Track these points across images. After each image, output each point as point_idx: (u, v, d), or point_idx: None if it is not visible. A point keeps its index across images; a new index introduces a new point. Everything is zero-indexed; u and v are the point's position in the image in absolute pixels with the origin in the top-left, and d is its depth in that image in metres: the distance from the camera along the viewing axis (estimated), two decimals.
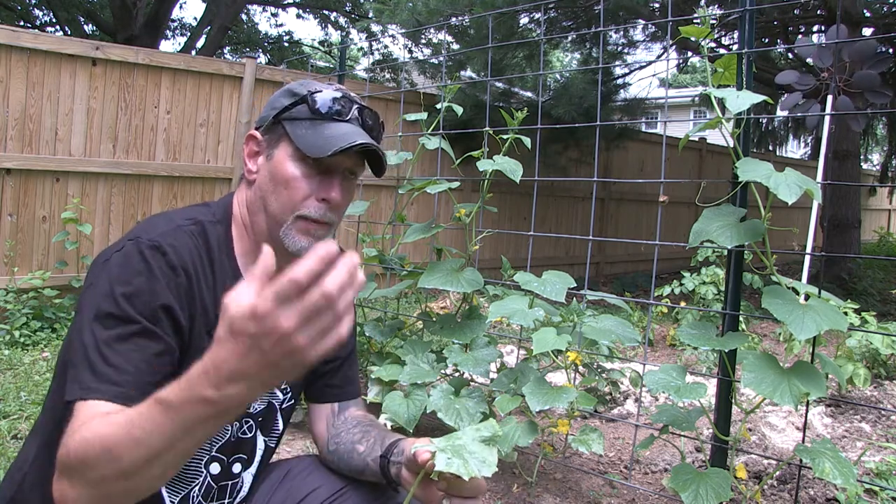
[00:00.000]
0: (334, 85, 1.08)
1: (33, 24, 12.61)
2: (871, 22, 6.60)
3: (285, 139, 1.02)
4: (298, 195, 1.00)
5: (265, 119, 1.05)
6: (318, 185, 1.01)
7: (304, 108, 1.02)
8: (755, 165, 1.61)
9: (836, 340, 3.75)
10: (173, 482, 1.02)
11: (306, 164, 1.00)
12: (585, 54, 7.32)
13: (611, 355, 2.85)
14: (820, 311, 1.57)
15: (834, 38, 4.20)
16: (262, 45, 15.33)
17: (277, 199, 1.01)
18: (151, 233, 0.95)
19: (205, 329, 0.97)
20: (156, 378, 0.86)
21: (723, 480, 1.69)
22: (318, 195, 1.01)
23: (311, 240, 1.01)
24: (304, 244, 1.01)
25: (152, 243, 0.93)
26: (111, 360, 0.85)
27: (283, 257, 1.04)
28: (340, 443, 1.13)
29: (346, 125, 1.03)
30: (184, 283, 0.94)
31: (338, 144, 0.98)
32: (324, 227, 1.02)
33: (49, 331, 3.75)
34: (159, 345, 0.89)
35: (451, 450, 0.83)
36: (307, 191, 1.00)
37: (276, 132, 1.03)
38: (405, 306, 4.64)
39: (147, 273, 0.91)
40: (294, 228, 1.01)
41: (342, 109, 1.03)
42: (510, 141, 2.28)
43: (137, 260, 0.91)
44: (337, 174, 1.02)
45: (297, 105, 1.03)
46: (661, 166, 2.60)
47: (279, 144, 1.02)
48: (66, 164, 4.08)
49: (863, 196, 11.26)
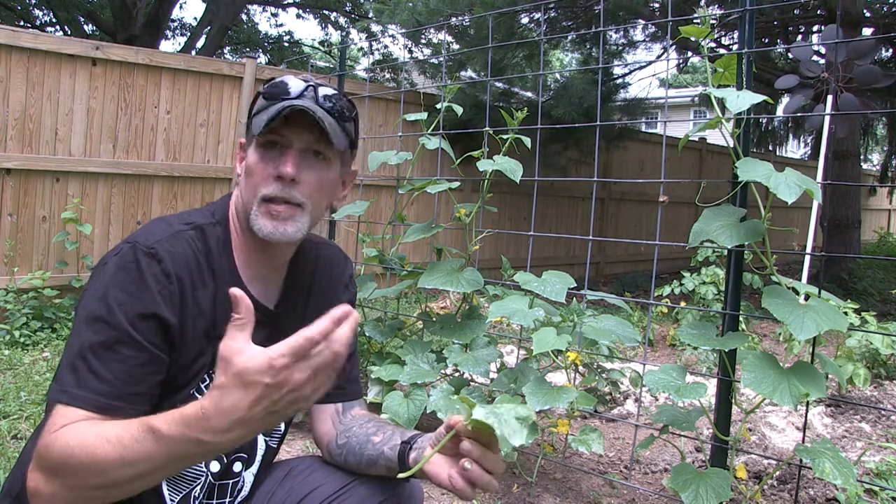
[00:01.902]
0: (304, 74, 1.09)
1: (33, 24, 12.60)
2: (871, 22, 6.60)
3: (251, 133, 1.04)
4: (257, 178, 1.01)
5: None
6: (275, 165, 1.01)
7: (261, 98, 1.04)
8: (755, 165, 1.61)
9: (836, 340, 3.75)
10: (174, 481, 1.03)
11: (263, 149, 1.02)
12: (585, 54, 7.32)
13: (611, 355, 2.85)
14: (820, 311, 1.57)
15: (830, 38, 4.21)
16: (262, 45, 15.32)
17: (246, 191, 1.03)
18: (149, 238, 0.96)
19: (202, 331, 0.98)
20: (139, 387, 0.90)
21: (723, 480, 1.69)
22: (273, 173, 1.00)
23: (276, 223, 1.00)
24: (269, 228, 1.00)
25: (149, 250, 0.94)
26: (94, 368, 0.87)
27: (270, 247, 1.05)
28: (352, 436, 1.13)
29: (297, 101, 1.00)
30: (176, 290, 0.95)
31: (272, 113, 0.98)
32: (289, 208, 1.01)
33: (49, 331, 3.75)
34: (144, 354, 0.91)
35: (491, 411, 0.85)
36: (264, 171, 1.01)
37: (249, 133, 1.06)
38: (405, 306, 4.64)
39: (140, 281, 0.92)
40: (259, 213, 1.01)
41: (295, 89, 1.02)
42: (510, 141, 2.28)
43: (132, 266, 0.93)
44: (289, 149, 1.01)
45: (257, 98, 1.05)
46: (661, 166, 2.60)
47: (251, 142, 1.05)
48: (66, 164, 4.08)
49: (863, 196, 11.26)
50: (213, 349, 0.88)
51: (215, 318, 1.00)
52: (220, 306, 1.00)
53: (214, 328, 0.99)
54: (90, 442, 0.80)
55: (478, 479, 0.90)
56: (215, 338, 0.99)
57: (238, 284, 1.03)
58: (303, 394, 0.75)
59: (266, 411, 0.74)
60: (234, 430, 0.75)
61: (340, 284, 1.23)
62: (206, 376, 1.01)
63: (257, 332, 0.90)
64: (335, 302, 1.22)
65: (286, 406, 0.75)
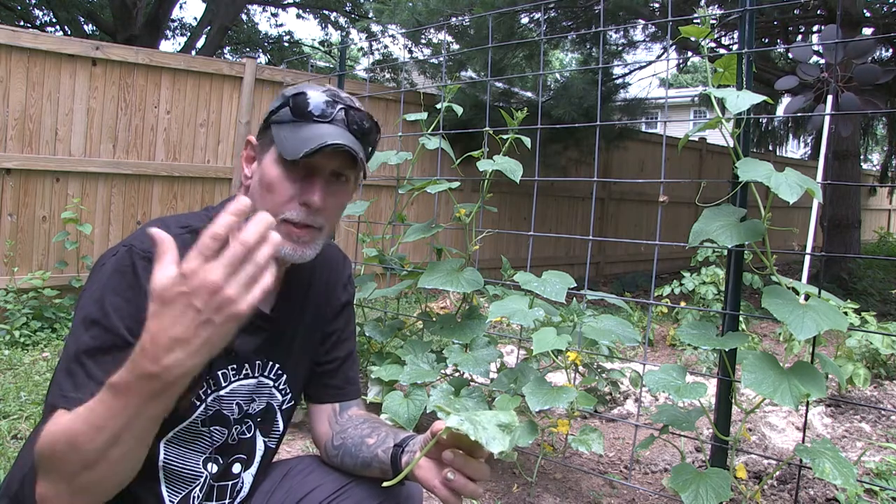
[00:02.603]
0: (328, 87, 1.07)
1: (33, 24, 12.60)
2: (871, 22, 6.60)
3: (273, 143, 1.02)
4: (280, 198, 1.00)
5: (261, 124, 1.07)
6: (300, 188, 1.00)
7: (287, 110, 1.02)
8: (755, 165, 1.61)
9: (836, 340, 3.75)
10: (173, 482, 1.02)
11: (288, 167, 1.00)
12: (585, 54, 7.32)
13: (611, 355, 2.85)
14: (820, 311, 1.57)
15: (829, 38, 4.21)
16: (262, 45, 15.32)
17: (263, 203, 1.01)
18: (146, 242, 0.95)
19: None
20: None
21: (723, 480, 1.69)
22: (299, 199, 1.00)
23: (296, 246, 1.00)
24: (288, 250, 1.00)
25: (145, 254, 0.93)
26: (91, 371, 0.87)
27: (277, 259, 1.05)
28: (347, 437, 1.13)
29: (329, 126, 1.01)
30: None
31: (310, 146, 0.97)
32: (309, 231, 1.01)
33: (49, 331, 3.75)
34: None
35: (468, 418, 0.84)
36: (289, 194, 1.00)
37: (267, 136, 1.04)
38: (405, 306, 4.64)
39: (136, 286, 0.92)
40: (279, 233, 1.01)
41: (325, 111, 1.02)
42: (510, 141, 2.28)
43: (128, 270, 0.92)
44: (319, 177, 1.01)
45: (282, 108, 1.03)
46: (661, 166, 2.60)
47: (268, 149, 1.03)
48: (66, 164, 4.08)
49: (863, 196, 11.26)
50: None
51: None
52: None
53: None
54: (67, 425, 0.80)
55: (461, 488, 0.90)
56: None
57: None
58: (225, 296, 0.69)
59: (195, 324, 0.70)
60: (174, 350, 0.71)
61: (339, 284, 1.22)
62: (205, 383, 1.01)
63: (255, 336, 0.90)
64: (334, 302, 1.22)
65: (214, 313, 0.70)
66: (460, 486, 0.90)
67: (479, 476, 0.91)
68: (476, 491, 0.91)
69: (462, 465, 0.90)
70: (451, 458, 0.90)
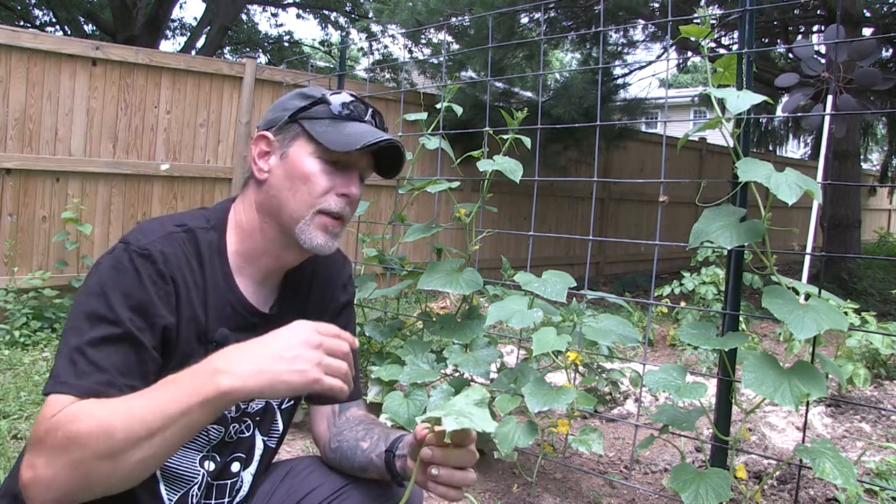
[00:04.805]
0: (344, 90, 1.12)
1: (33, 24, 12.60)
2: (871, 22, 6.60)
3: (302, 137, 1.04)
4: (318, 189, 1.03)
5: (277, 120, 1.06)
6: (338, 180, 1.04)
7: (323, 108, 1.05)
8: (755, 165, 1.61)
9: (836, 340, 3.75)
10: (172, 481, 1.02)
11: (325, 161, 1.03)
12: (585, 54, 7.33)
13: (611, 355, 2.84)
14: (820, 311, 1.57)
15: (831, 37, 4.20)
16: (262, 45, 15.32)
17: (295, 195, 1.02)
18: (142, 239, 0.95)
19: (194, 335, 0.98)
20: (134, 381, 0.88)
21: (723, 480, 1.69)
22: (338, 190, 1.04)
23: (327, 237, 1.04)
24: (321, 241, 1.03)
25: (142, 251, 0.94)
26: (93, 359, 0.86)
27: (294, 254, 1.05)
28: (343, 441, 1.14)
29: (365, 125, 1.07)
30: (172, 290, 0.95)
31: (363, 141, 1.01)
32: (340, 224, 1.05)
33: (49, 331, 3.75)
34: (142, 351, 0.91)
35: (454, 413, 0.85)
36: (327, 185, 1.03)
37: (291, 131, 1.05)
38: (405, 306, 4.64)
39: (137, 281, 0.92)
40: (313, 224, 1.03)
41: (360, 110, 1.08)
42: (510, 141, 2.28)
43: (128, 267, 0.92)
44: (355, 171, 1.06)
45: (315, 105, 1.05)
46: (661, 166, 2.60)
47: (294, 143, 1.04)
48: (66, 164, 4.08)
49: (863, 196, 11.26)
50: (203, 354, 0.87)
51: (207, 323, 0.99)
52: (211, 311, 1.00)
53: (206, 333, 0.99)
54: (95, 409, 0.81)
55: (448, 479, 0.91)
56: (206, 343, 0.98)
57: (231, 289, 1.03)
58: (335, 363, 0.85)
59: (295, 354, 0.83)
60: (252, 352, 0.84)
61: (339, 285, 1.22)
62: None
63: (248, 334, 0.90)
64: (333, 302, 1.22)
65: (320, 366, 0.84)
66: (446, 478, 0.91)
67: (465, 463, 0.91)
68: (467, 477, 0.91)
69: (443, 458, 0.90)
70: (431, 455, 0.91)
